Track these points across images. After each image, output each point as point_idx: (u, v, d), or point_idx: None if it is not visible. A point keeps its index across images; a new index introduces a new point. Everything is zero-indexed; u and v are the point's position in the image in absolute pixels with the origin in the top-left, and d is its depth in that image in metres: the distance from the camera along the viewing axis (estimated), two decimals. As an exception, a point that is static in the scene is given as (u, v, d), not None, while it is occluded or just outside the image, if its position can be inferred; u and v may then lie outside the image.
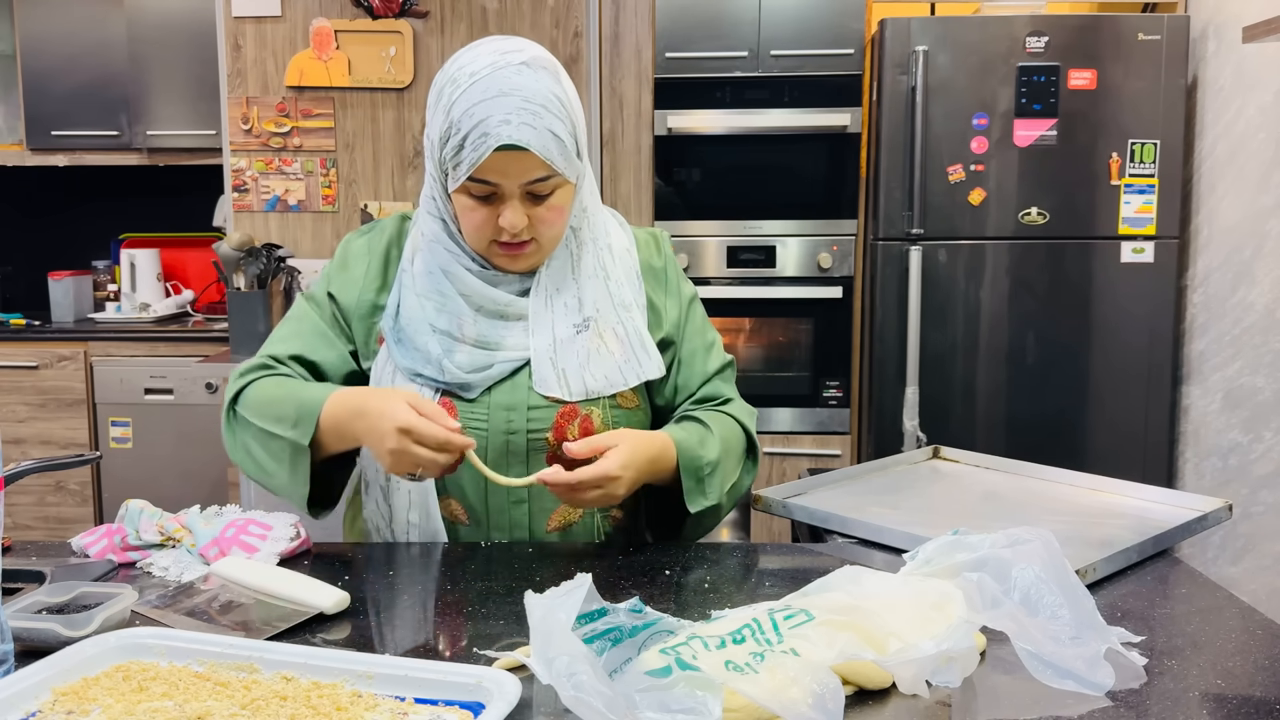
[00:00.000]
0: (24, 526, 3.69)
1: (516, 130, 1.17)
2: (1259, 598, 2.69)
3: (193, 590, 1.11)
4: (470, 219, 1.25)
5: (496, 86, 1.17)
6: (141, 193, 4.26)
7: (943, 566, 1.01)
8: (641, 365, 1.34)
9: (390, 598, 1.14)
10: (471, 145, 1.18)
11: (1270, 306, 2.75)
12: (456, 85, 1.20)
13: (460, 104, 1.18)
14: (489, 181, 1.20)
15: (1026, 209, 3.08)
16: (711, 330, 1.45)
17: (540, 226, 1.25)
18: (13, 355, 3.70)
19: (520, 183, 1.21)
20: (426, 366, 1.29)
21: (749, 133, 3.25)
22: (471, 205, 1.24)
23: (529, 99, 1.18)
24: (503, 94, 1.17)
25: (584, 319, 1.32)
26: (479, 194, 1.22)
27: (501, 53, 1.20)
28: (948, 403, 3.14)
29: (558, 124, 1.20)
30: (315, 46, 3.30)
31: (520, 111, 1.17)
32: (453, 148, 1.20)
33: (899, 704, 0.87)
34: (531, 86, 1.18)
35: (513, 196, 1.22)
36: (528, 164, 1.19)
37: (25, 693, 0.83)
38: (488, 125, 1.17)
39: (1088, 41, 3.02)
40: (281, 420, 1.25)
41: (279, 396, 1.27)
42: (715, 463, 1.31)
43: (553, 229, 1.27)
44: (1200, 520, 1.35)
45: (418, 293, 1.31)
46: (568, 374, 1.30)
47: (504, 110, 1.16)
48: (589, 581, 0.89)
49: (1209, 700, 0.87)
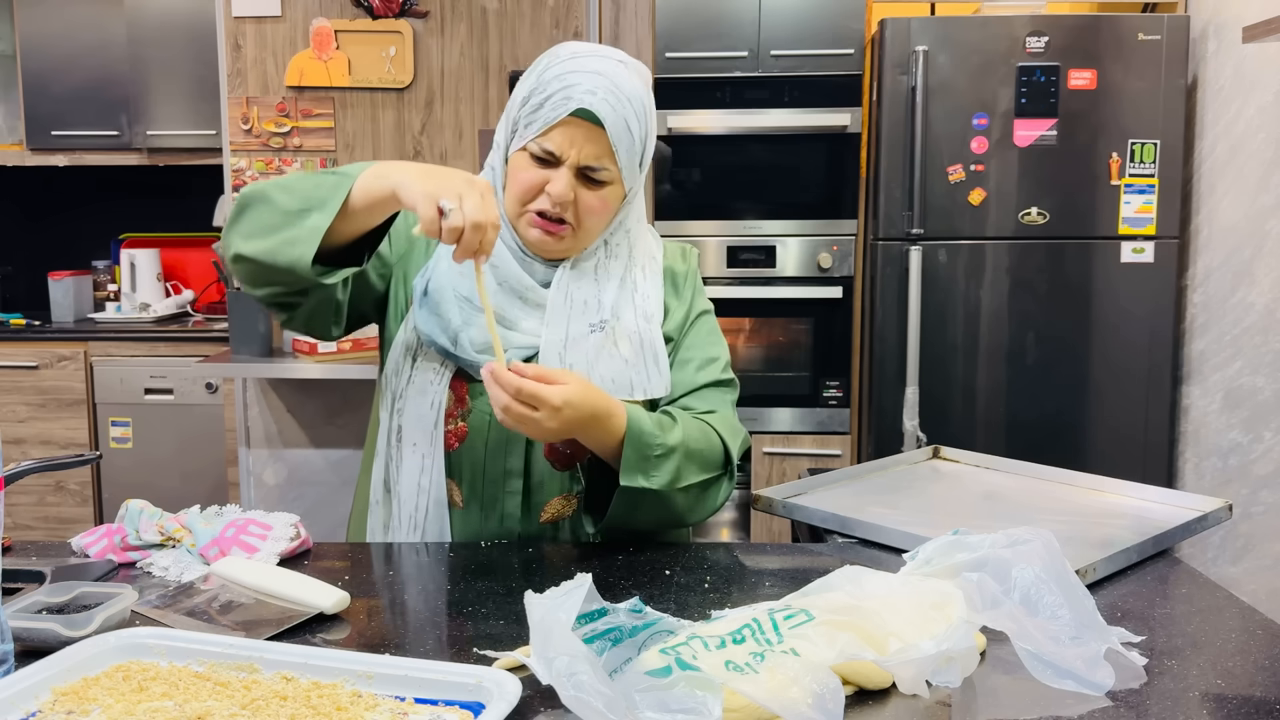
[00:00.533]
0: (24, 526, 3.69)
1: (599, 102, 1.22)
2: (1259, 598, 2.69)
3: (193, 590, 1.11)
4: (521, 179, 1.27)
5: (593, 66, 1.23)
6: (141, 193, 4.26)
7: (943, 566, 1.01)
8: (650, 380, 1.32)
9: (390, 598, 1.14)
10: (551, 105, 1.23)
11: (1270, 306, 2.74)
12: (555, 56, 1.26)
13: (553, 70, 1.24)
14: (556, 140, 1.23)
15: (1026, 209, 3.08)
16: (718, 350, 1.41)
17: (582, 211, 1.27)
18: (13, 355, 3.70)
19: (582, 158, 1.24)
20: (442, 335, 1.29)
21: (749, 133, 3.25)
22: (527, 165, 1.26)
23: (619, 86, 1.23)
24: (597, 73, 1.23)
25: (601, 320, 1.32)
26: (540, 154, 1.25)
27: (606, 50, 1.28)
28: (948, 403, 3.14)
29: (635, 121, 1.25)
30: (315, 46, 3.30)
31: (608, 92, 1.22)
32: (533, 105, 1.24)
33: (899, 704, 0.87)
34: (625, 81, 1.24)
35: (569, 168, 1.24)
36: (595, 145, 1.23)
37: (25, 693, 0.83)
38: (573, 91, 1.22)
39: (1088, 41, 3.02)
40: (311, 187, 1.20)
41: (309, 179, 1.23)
42: (670, 449, 1.24)
43: (592, 219, 1.28)
44: (1200, 520, 1.35)
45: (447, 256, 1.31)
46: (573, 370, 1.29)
47: (592, 84, 1.22)
48: (589, 581, 0.89)
49: (1209, 700, 0.87)
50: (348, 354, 3.10)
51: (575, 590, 0.87)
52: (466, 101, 3.34)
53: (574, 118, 1.22)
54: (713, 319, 1.44)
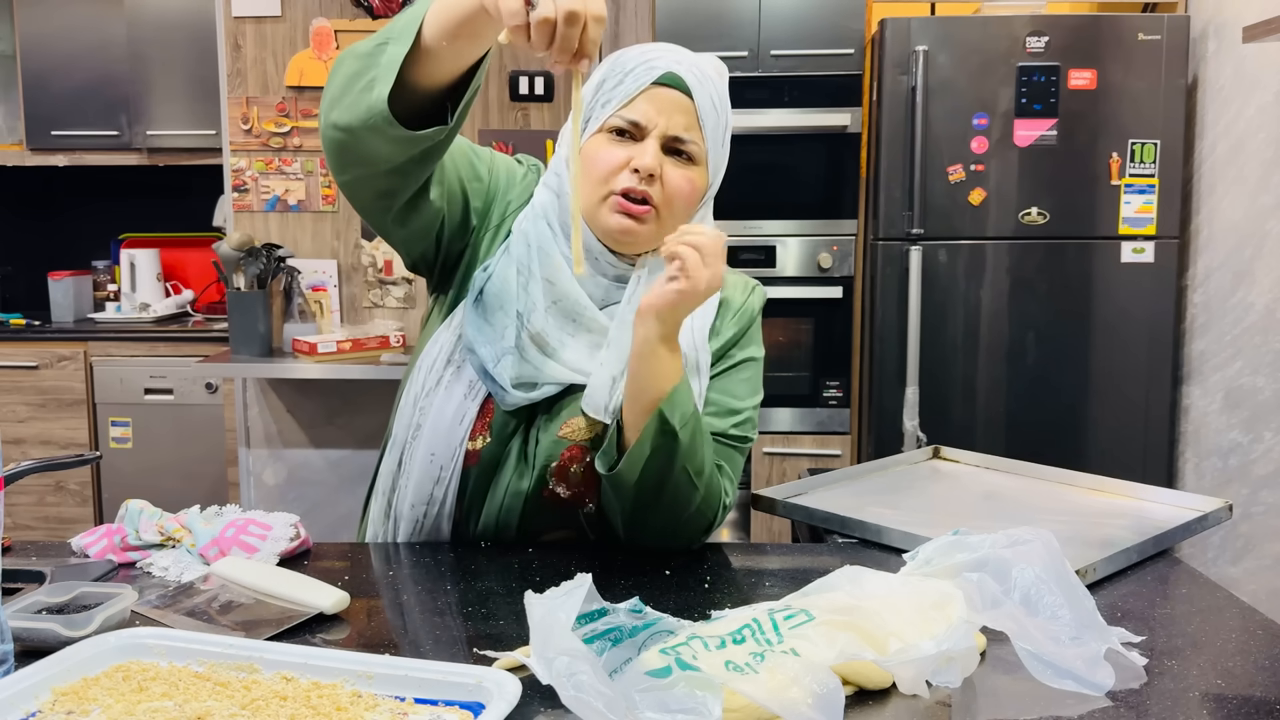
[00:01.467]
0: (24, 526, 3.69)
1: (686, 72, 1.20)
2: (1259, 598, 2.69)
3: (193, 590, 1.11)
4: (600, 159, 1.20)
5: (674, 53, 1.22)
6: (141, 193, 4.26)
7: (943, 566, 1.01)
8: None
9: (390, 598, 1.14)
10: (634, 77, 1.19)
11: (1270, 306, 2.74)
12: (625, 50, 1.24)
13: (634, 53, 1.22)
14: (641, 112, 1.19)
15: (1027, 209, 3.08)
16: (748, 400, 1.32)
17: (669, 191, 1.20)
18: (13, 355, 3.70)
19: (669, 127, 1.19)
20: (485, 347, 1.23)
21: (749, 133, 3.25)
22: (607, 144, 1.20)
23: (700, 65, 1.22)
24: (677, 51, 1.22)
25: None
26: (621, 127, 1.20)
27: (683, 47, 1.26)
28: (948, 403, 3.14)
29: (719, 101, 1.23)
30: (315, 46, 3.30)
31: (692, 65, 1.21)
32: (613, 83, 1.21)
33: (899, 704, 0.87)
34: (706, 64, 1.23)
35: (656, 139, 1.19)
36: (682, 115, 1.20)
37: (25, 693, 0.83)
38: (657, 62, 1.20)
39: (1088, 41, 3.02)
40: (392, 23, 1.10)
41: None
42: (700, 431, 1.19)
43: (679, 200, 1.21)
44: (1200, 520, 1.35)
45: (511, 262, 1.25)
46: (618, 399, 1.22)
47: (675, 56, 1.21)
48: (589, 581, 0.89)
49: (1209, 700, 0.87)
50: (348, 354, 3.11)
51: (575, 590, 0.87)
52: (466, 101, 3.34)
53: (659, 86, 1.19)
54: (757, 367, 1.35)
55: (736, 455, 1.31)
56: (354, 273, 3.39)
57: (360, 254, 3.38)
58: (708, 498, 1.22)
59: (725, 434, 1.29)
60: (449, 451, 1.25)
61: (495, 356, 1.22)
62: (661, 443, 1.16)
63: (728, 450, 1.29)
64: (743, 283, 1.38)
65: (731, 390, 1.31)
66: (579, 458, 1.25)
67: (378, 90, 1.06)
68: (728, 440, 1.29)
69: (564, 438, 1.25)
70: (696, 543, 1.27)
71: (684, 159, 1.21)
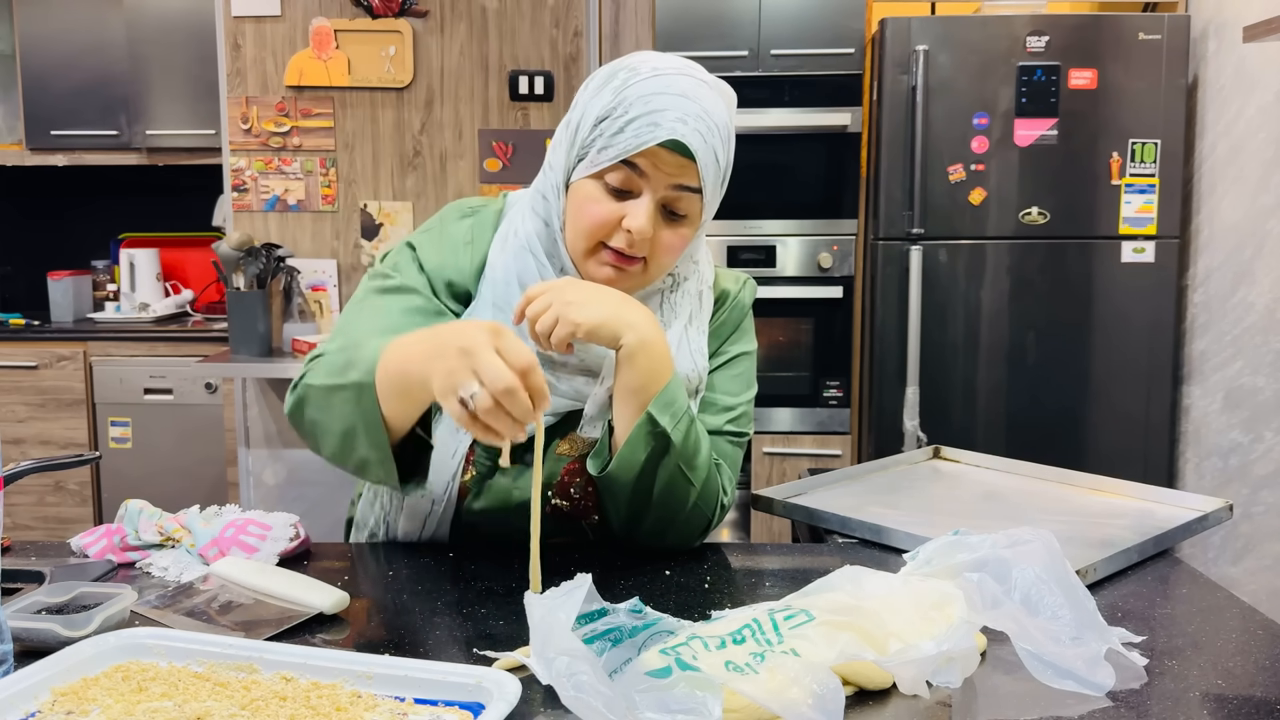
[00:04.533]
0: (24, 526, 3.69)
1: (690, 133, 1.10)
2: (1259, 598, 2.69)
3: (192, 590, 1.10)
4: (591, 211, 1.14)
5: (679, 87, 1.12)
6: (141, 192, 4.26)
7: (943, 566, 1.01)
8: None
9: (390, 598, 1.14)
10: (636, 129, 1.10)
11: (1271, 306, 2.74)
12: (635, 73, 1.13)
13: (638, 89, 1.11)
14: (638, 169, 1.12)
15: (1027, 209, 3.08)
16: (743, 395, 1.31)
17: (659, 248, 1.16)
18: (12, 355, 3.70)
19: (666, 186, 1.13)
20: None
21: (749, 132, 3.25)
22: (599, 196, 1.14)
23: (708, 112, 1.12)
24: (684, 96, 1.11)
25: None
26: (615, 185, 1.13)
27: (688, 64, 1.16)
28: (948, 403, 3.14)
29: (722, 151, 1.15)
30: (315, 46, 3.30)
31: (697, 119, 1.11)
32: (612, 128, 1.12)
33: (899, 704, 0.87)
34: (711, 103, 1.13)
35: (652, 197, 1.13)
36: (683, 171, 1.12)
37: (25, 693, 0.82)
38: (662, 117, 1.10)
39: (1088, 41, 3.02)
40: (344, 369, 1.11)
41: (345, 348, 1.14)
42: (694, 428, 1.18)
43: (668, 256, 1.18)
44: (1201, 520, 1.35)
45: (493, 302, 1.21)
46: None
47: (682, 110, 1.11)
48: (589, 582, 0.89)
49: (1209, 700, 0.87)
50: (347, 354, 3.10)
51: (575, 590, 0.87)
52: (466, 101, 3.34)
53: (660, 147, 1.11)
54: (750, 361, 1.34)
55: (734, 451, 1.30)
56: (354, 272, 3.39)
57: (360, 254, 3.39)
58: (705, 495, 1.22)
59: (721, 430, 1.28)
60: (442, 484, 1.23)
61: None
62: (653, 443, 1.15)
63: (725, 446, 1.28)
64: (733, 277, 1.37)
65: (725, 387, 1.31)
66: (581, 472, 1.24)
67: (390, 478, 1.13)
68: (724, 436, 1.28)
69: (563, 455, 1.24)
70: (696, 541, 1.26)
71: (678, 217, 1.16)
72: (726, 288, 1.34)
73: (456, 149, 3.36)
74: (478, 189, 3.37)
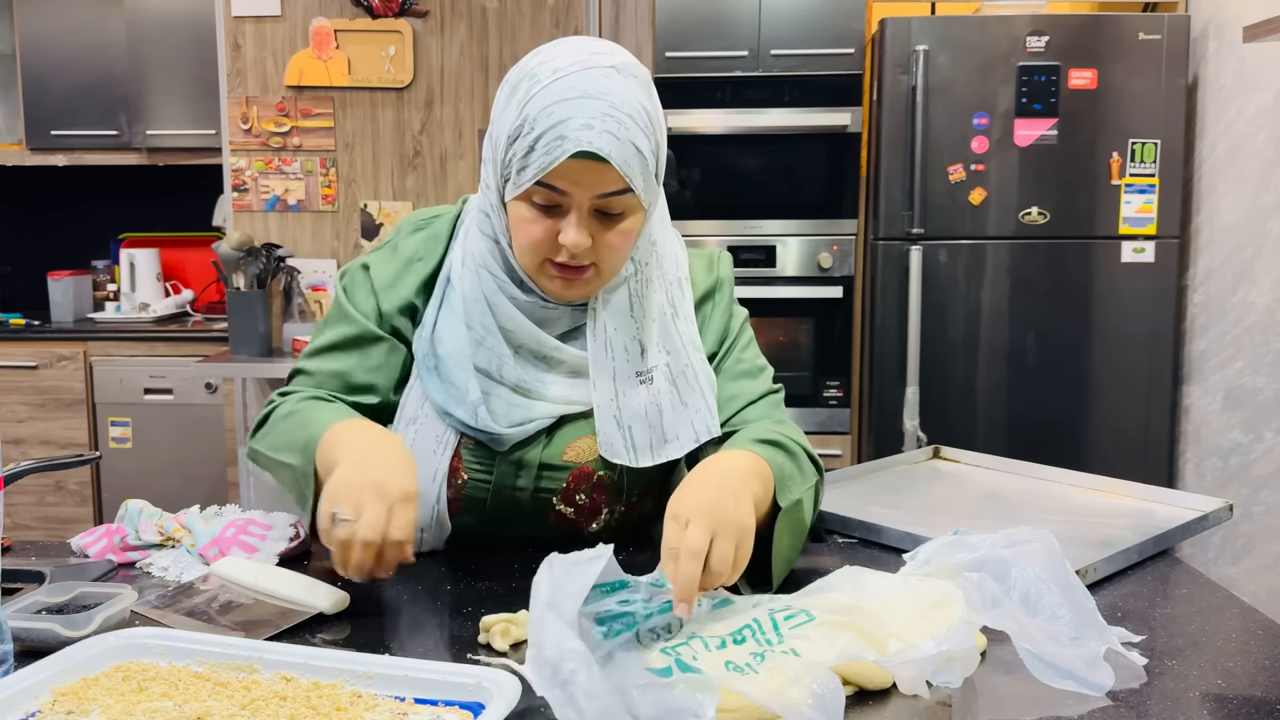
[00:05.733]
0: (24, 526, 3.69)
1: (598, 137, 1.04)
2: (1259, 598, 2.69)
3: (193, 590, 1.10)
4: (526, 232, 1.11)
5: (581, 87, 1.05)
6: (141, 192, 4.26)
7: (943, 566, 1.01)
8: (710, 419, 1.22)
9: (390, 598, 1.14)
10: (544, 148, 1.05)
11: (1271, 306, 2.74)
12: (536, 80, 1.07)
13: (538, 101, 1.05)
14: (557, 189, 1.07)
15: (1027, 209, 3.08)
16: (761, 357, 1.32)
17: (603, 251, 1.12)
18: (12, 355, 3.70)
19: (591, 195, 1.08)
20: (459, 407, 1.18)
21: (749, 132, 3.25)
22: (531, 217, 1.10)
23: (616, 105, 1.05)
24: (588, 96, 1.04)
25: (648, 367, 1.20)
26: (542, 203, 1.09)
27: (590, 53, 1.08)
28: (948, 403, 3.14)
29: (642, 139, 1.07)
30: (315, 46, 3.30)
31: (605, 118, 1.04)
32: (522, 148, 1.07)
33: (899, 704, 0.87)
34: (619, 93, 1.06)
35: (580, 211, 1.09)
36: (603, 176, 1.06)
37: (25, 693, 0.82)
38: (566, 128, 1.04)
39: (1088, 41, 3.02)
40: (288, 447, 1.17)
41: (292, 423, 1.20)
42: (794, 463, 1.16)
43: (616, 255, 1.14)
44: (1201, 520, 1.35)
45: (458, 319, 1.20)
46: (634, 437, 1.19)
47: (587, 114, 1.04)
48: (609, 553, 0.86)
49: (1209, 700, 0.87)
50: (348, 354, 3.10)
51: (594, 561, 0.84)
52: (466, 101, 3.34)
53: (573, 159, 1.05)
54: (749, 324, 1.34)
55: (782, 403, 1.30)
56: (354, 272, 3.39)
57: (360, 253, 3.39)
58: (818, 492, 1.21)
59: (770, 390, 1.29)
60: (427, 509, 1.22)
61: (471, 413, 1.18)
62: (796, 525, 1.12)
63: (778, 404, 1.28)
64: (706, 262, 1.32)
65: (748, 353, 1.31)
66: (588, 477, 1.24)
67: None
68: (774, 395, 1.29)
69: (570, 461, 1.23)
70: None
71: (614, 216, 1.11)
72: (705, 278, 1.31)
73: (456, 149, 3.36)
74: (478, 189, 3.37)
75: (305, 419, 1.17)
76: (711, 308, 1.31)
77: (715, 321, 1.30)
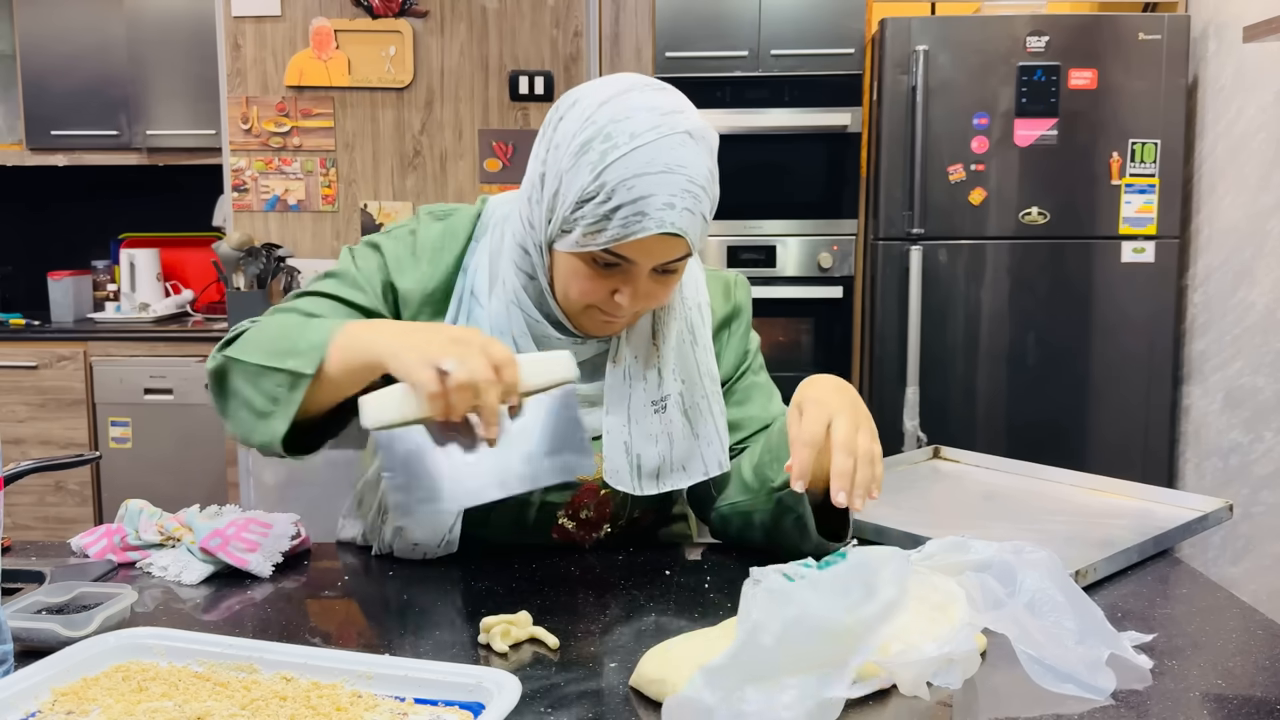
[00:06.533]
0: (24, 526, 3.69)
1: (679, 217, 1.04)
2: (1259, 598, 2.69)
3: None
4: (579, 286, 1.10)
5: (663, 160, 1.03)
6: (141, 192, 4.26)
7: (947, 564, 1.01)
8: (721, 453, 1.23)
9: (390, 598, 1.14)
10: (622, 220, 1.03)
11: (1271, 306, 2.74)
12: (613, 145, 1.04)
13: (618, 170, 1.03)
14: (625, 258, 1.07)
15: (1027, 209, 3.08)
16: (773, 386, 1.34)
17: (651, 300, 1.13)
18: (12, 355, 3.70)
19: (657, 263, 1.09)
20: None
21: (749, 132, 3.25)
22: (586, 273, 1.09)
23: (693, 179, 1.05)
24: (669, 170, 1.03)
25: (663, 395, 1.20)
26: (604, 262, 1.08)
27: (662, 114, 1.05)
28: (948, 403, 3.14)
29: (709, 206, 1.08)
30: (315, 46, 3.30)
31: (684, 194, 1.04)
32: (595, 213, 1.04)
33: (899, 705, 0.87)
34: (695, 164, 1.05)
35: (642, 275, 1.09)
36: (673, 247, 1.07)
37: (25, 693, 0.82)
38: (648, 205, 1.03)
39: (1088, 41, 3.02)
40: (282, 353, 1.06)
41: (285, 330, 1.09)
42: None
43: (662, 301, 1.15)
44: (1201, 520, 1.35)
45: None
46: (641, 464, 1.19)
47: (668, 191, 1.03)
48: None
49: (1210, 700, 0.87)
50: (348, 354, 3.10)
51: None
52: (466, 101, 3.34)
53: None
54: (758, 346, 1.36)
55: None
56: (354, 272, 3.39)
57: (360, 254, 3.39)
58: None
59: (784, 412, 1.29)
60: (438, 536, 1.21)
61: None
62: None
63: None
64: (723, 286, 1.33)
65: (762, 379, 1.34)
66: (593, 493, 1.24)
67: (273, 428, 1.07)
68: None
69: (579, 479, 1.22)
70: None
71: (669, 272, 1.12)
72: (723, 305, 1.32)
73: (457, 149, 3.36)
74: (478, 189, 3.37)
75: (302, 324, 1.10)
76: (729, 335, 1.32)
77: (733, 348, 1.31)
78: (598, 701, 0.86)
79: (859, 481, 1.01)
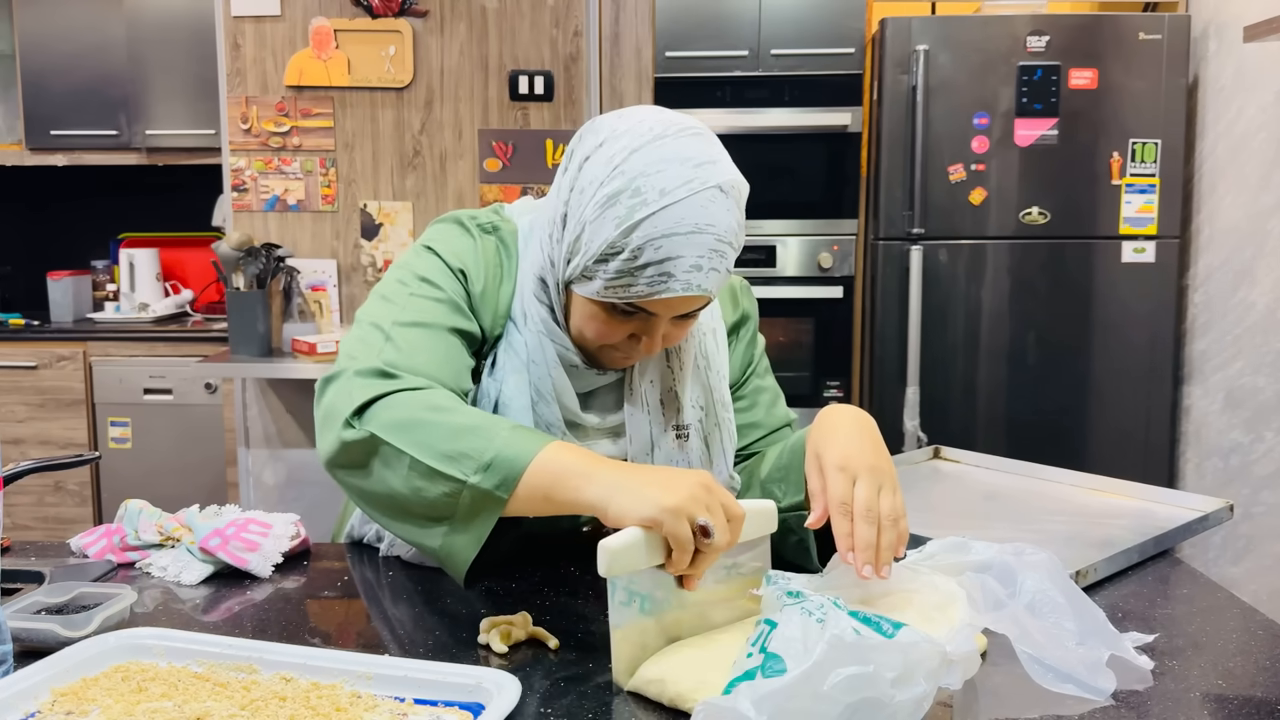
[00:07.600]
0: (23, 526, 3.69)
1: (705, 278, 1.02)
2: (1260, 598, 2.69)
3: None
4: (597, 329, 1.09)
5: (692, 219, 1.00)
6: (141, 192, 4.26)
7: (948, 564, 1.00)
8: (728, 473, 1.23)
9: (390, 598, 1.14)
10: (647, 280, 1.01)
11: (1271, 306, 2.74)
12: (642, 201, 1.00)
13: (645, 229, 1.00)
14: (646, 310, 1.06)
15: (1027, 209, 3.08)
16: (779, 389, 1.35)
17: (669, 343, 1.12)
18: (12, 355, 3.69)
19: (677, 313, 1.07)
20: None
21: (749, 132, 3.25)
22: (604, 318, 1.08)
23: (721, 237, 1.02)
24: (698, 230, 1.00)
25: (685, 424, 1.20)
26: (624, 310, 1.07)
27: (695, 165, 1.01)
28: (948, 403, 3.13)
29: (733, 257, 1.06)
30: (315, 46, 3.30)
31: (711, 254, 1.02)
32: (620, 269, 1.02)
33: (900, 704, 0.86)
34: (724, 221, 1.02)
35: (661, 324, 1.08)
36: (695, 301, 1.06)
37: (25, 693, 0.82)
38: (675, 266, 1.01)
39: (1088, 41, 3.02)
40: (455, 458, 0.96)
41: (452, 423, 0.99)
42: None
43: (680, 340, 1.14)
44: (1201, 520, 1.35)
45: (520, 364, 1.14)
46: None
47: (695, 253, 1.01)
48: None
49: (1210, 700, 0.87)
50: (347, 354, 3.09)
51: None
52: (466, 101, 3.34)
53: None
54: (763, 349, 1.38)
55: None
56: (353, 272, 3.39)
57: (360, 254, 3.38)
58: None
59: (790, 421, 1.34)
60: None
61: None
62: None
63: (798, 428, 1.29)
64: (729, 292, 1.33)
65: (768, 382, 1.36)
66: None
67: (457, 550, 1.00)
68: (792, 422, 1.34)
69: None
70: None
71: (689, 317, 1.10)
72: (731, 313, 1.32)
73: (456, 149, 3.36)
74: (478, 189, 3.37)
75: (475, 418, 1.00)
76: (736, 341, 1.33)
77: (740, 354, 1.32)
78: (597, 702, 0.86)
79: (883, 547, 0.97)
